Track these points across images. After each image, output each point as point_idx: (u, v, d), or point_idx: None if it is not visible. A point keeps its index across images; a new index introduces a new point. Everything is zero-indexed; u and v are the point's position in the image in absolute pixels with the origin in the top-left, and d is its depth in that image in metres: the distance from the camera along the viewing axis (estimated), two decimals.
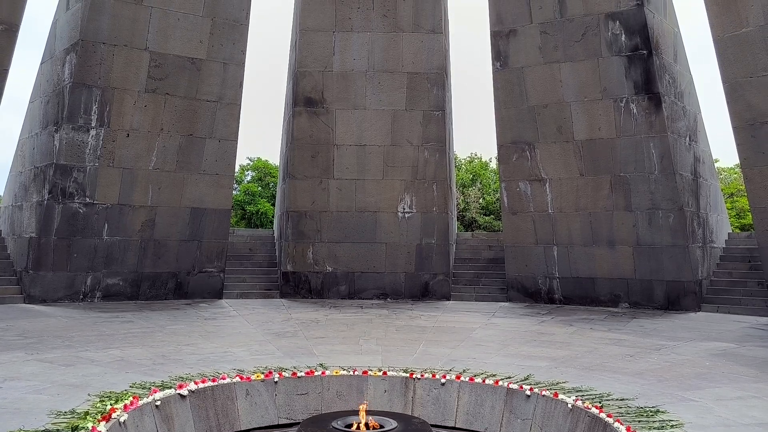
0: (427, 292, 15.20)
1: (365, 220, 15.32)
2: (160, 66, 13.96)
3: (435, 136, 15.52)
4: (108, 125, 13.49)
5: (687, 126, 14.43)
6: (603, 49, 14.14)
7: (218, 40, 14.56)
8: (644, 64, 13.71)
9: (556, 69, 14.59)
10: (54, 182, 13.04)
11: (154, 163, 13.96)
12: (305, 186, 15.34)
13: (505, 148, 15.21)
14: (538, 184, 14.80)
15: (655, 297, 13.56)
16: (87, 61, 13.27)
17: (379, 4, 15.74)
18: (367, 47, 15.71)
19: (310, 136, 15.46)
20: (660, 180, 13.54)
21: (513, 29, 15.09)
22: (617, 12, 14.03)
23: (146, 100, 13.84)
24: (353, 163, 15.46)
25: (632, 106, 13.81)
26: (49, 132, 13.46)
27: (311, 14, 15.72)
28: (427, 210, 15.36)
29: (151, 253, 13.95)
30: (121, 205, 13.64)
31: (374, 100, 15.60)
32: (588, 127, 14.27)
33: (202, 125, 14.45)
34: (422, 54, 15.73)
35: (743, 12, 12.05)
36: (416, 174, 15.43)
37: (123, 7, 13.56)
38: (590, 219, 14.24)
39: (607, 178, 14.09)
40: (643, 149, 13.68)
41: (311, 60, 15.63)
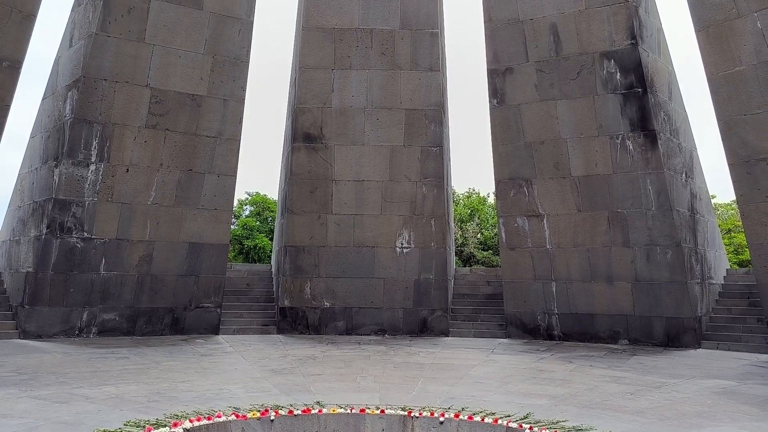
0: (425, 328, 15.10)
1: (363, 255, 15.31)
2: (161, 102, 14.11)
3: (433, 171, 15.61)
4: (108, 160, 13.57)
5: (683, 162, 14.55)
6: (598, 86, 14.34)
7: (219, 76, 14.74)
8: (639, 101, 13.89)
9: (552, 106, 14.77)
10: (52, 217, 13.06)
11: (153, 198, 14.00)
12: (303, 221, 15.37)
13: (503, 183, 15.30)
14: (536, 219, 14.84)
15: (654, 333, 13.48)
16: (88, 97, 13.41)
17: (378, 43, 15.99)
18: (366, 84, 15.91)
19: (308, 172, 15.54)
20: (657, 216, 13.59)
21: (509, 67, 15.31)
22: (612, 51, 14.27)
23: (146, 135, 13.95)
24: (351, 199, 15.51)
25: (628, 142, 13.95)
26: (49, 167, 13.52)
27: (311, 52, 15.95)
28: (425, 245, 15.36)
29: (148, 288, 13.89)
30: (119, 239, 13.63)
31: (372, 136, 15.74)
32: (585, 164, 14.38)
33: (202, 160, 14.54)
34: (420, 91, 15.92)
35: (736, 51, 12.26)
36: (414, 209, 15.47)
37: (125, 45, 13.76)
38: (588, 255, 14.25)
39: (605, 214, 14.14)
40: (640, 185, 13.77)
41: (310, 96, 15.80)
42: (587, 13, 14.56)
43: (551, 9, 14.89)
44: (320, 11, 16.10)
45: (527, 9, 15.18)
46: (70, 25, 14.63)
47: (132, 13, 13.86)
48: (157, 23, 14.11)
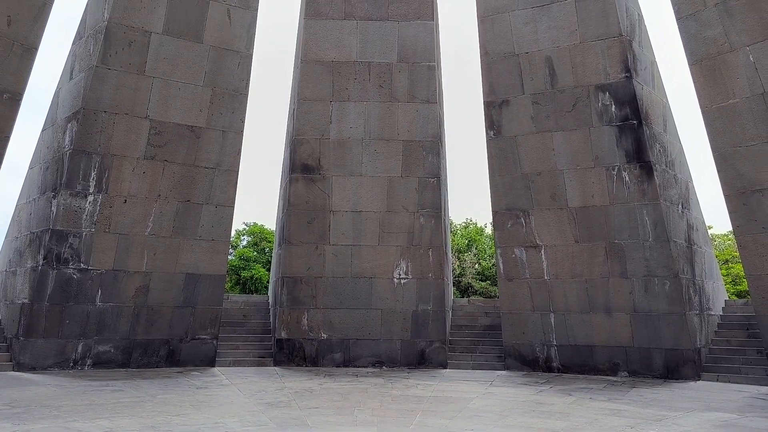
0: (423, 360, 14.98)
1: (361, 286, 15.26)
2: (160, 133, 14.20)
3: (430, 202, 15.65)
4: (106, 191, 13.60)
5: (679, 194, 14.62)
6: (594, 119, 14.48)
7: (218, 108, 14.87)
8: (635, 133, 14.02)
9: (549, 138, 14.89)
10: (49, 248, 13.03)
11: (150, 229, 14.00)
12: (301, 252, 15.35)
13: (500, 214, 15.34)
14: (534, 250, 14.85)
15: (654, 365, 13.39)
16: (88, 128, 13.50)
17: (375, 76, 16.18)
18: (364, 116, 16.04)
19: (306, 202, 15.58)
20: (654, 247, 13.61)
21: (506, 99, 15.47)
22: (607, 84, 14.44)
23: (145, 166, 14.01)
24: (349, 229, 15.52)
25: (624, 174, 14.03)
26: (47, 198, 13.54)
27: (309, 84, 16.12)
28: (422, 276, 15.33)
29: (144, 320, 13.79)
30: (115, 270, 13.59)
31: (370, 167, 15.81)
32: (581, 195, 14.45)
33: (200, 191, 14.58)
34: (417, 122, 16.05)
35: (729, 85, 12.42)
36: (412, 240, 15.48)
37: (125, 77, 13.90)
38: (586, 286, 14.22)
39: (602, 245, 14.16)
40: (637, 216, 13.82)
41: (309, 128, 15.92)
42: (582, 46, 14.78)
43: (546, 43, 15.12)
44: (319, 45, 16.31)
45: (522, 43, 15.41)
46: (71, 58, 14.79)
47: (132, 46, 14.03)
48: (157, 56, 14.27)
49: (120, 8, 14.02)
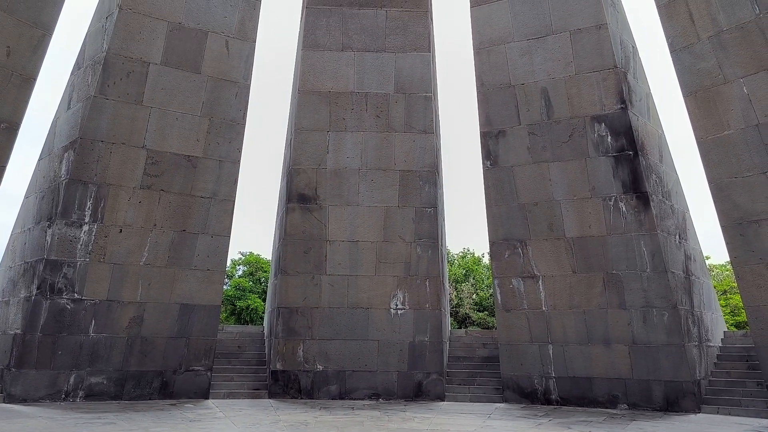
0: (420, 392, 14.78)
1: (357, 317, 15.13)
2: (157, 163, 14.20)
3: (427, 232, 15.61)
4: (101, 221, 13.54)
5: (676, 224, 14.61)
6: (590, 149, 14.54)
7: (215, 138, 14.90)
8: (631, 164, 14.06)
9: (545, 168, 14.93)
10: (43, 277, 12.92)
11: (145, 259, 13.91)
12: (297, 282, 15.24)
13: (497, 244, 15.29)
14: (531, 281, 14.77)
15: (653, 398, 13.23)
16: (84, 158, 13.50)
17: (372, 106, 16.27)
18: (361, 146, 16.09)
19: (302, 232, 15.53)
20: (652, 278, 13.56)
21: (502, 130, 15.55)
22: (602, 115, 14.54)
23: (141, 196, 13.98)
24: (346, 259, 15.45)
25: (621, 204, 14.04)
26: (42, 227, 13.47)
27: (306, 115, 16.19)
28: (419, 307, 15.21)
29: (138, 351, 13.62)
30: (109, 301, 13.46)
31: (367, 196, 15.80)
32: (578, 225, 14.43)
33: (196, 221, 14.53)
34: (414, 153, 16.09)
35: (724, 116, 12.51)
36: (409, 270, 15.40)
37: (123, 107, 13.95)
38: (584, 317, 14.12)
39: (600, 276, 14.10)
40: (634, 247, 13.79)
41: (305, 158, 15.94)
42: (577, 78, 14.91)
43: (542, 74, 15.25)
44: (316, 75, 16.43)
45: (518, 74, 15.54)
46: (69, 88, 14.86)
47: (131, 76, 14.11)
48: (155, 86, 14.35)
49: (119, 39, 14.14)
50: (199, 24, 15.06)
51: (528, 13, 15.73)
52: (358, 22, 16.81)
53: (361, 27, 16.78)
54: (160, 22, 14.63)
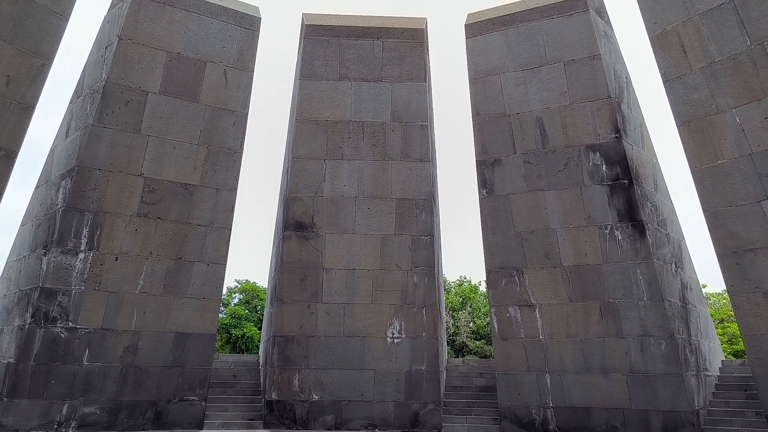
0: (417, 423, 14.62)
1: (353, 346, 15.03)
2: (154, 191, 14.23)
3: (424, 260, 15.60)
4: (97, 249, 13.52)
5: (672, 253, 14.64)
6: (585, 178, 14.63)
7: (212, 166, 14.96)
8: (626, 193, 14.14)
9: (541, 197, 14.99)
10: (38, 306, 12.85)
11: (141, 287, 13.86)
12: (293, 310, 15.17)
13: (494, 273, 15.28)
14: (528, 309, 14.73)
15: (652, 428, 13.11)
16: (81, 186, 13.53)
17: (369, 135, 16.38)
18: (357, 174, 16.15)
19: (299, 260, 15.50)
20: (649, 306, 13.54)
21: (498, 159, 15.65)
22: (597, 144, 14.66)
23: (137, 224, 13.98)
24: (342, 287, 15.40)
25: (617, 233, 14.08)
26: (37, 255, 13.43)
27: (304, 143, 16.28)
28: (416, 335, 15.13)
29: (132, 380, 13.49)
30: (104, 329, 13.37)
31: (363, 224, 15.82)
32: (575, 253, 14.45)
33: (192, 249, 14.51)
34: (410, 181, 16.16)
35: (717, 145, 12.62)
36: (405, 298, 15.35)
37: (121, 136, 14.03)
38: (582, 346, 14.05)
39: (597, 304, 14.07)
40: (631, 275, 13.79)
41: (302, 186, 15.99)
42: (571, 107, 15.07)
43: (537, 104, 15.42)
44: (313, 104, 16.57)
45: (513, 104, 15.70)
46: (68, 117, 14.95)
47: (129, 105, 14.22)
48: (153, 115, 14.45)
49: (118, 68, 14.28)
50: (198, 54, 15.23)
51: (523, 44, 15.96)
52: (355, 53, 17.01)
53: (358, 57, 16.98)
54: (159, 52, 14.80)
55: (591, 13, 15.47)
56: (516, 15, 16.25)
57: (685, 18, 13.30)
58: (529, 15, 16.11)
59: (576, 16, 15.57)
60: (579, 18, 15.52)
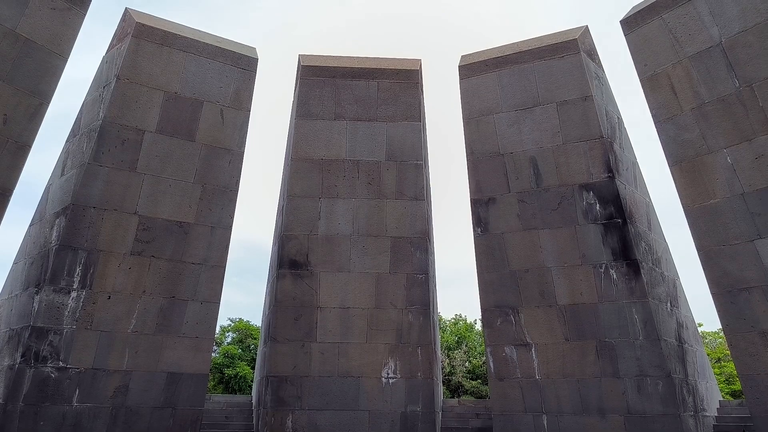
0: None
1: (348, 386, 14.84)
2: (148, 229, 14.21)
3: (419, 299, 15.54)
4: (90, 287, 13.43)
5: (667, 291, 14.63)
6: (579, 217, 14.70)
7: (207, 204, 14.98)
8: (620, 231, 14.20)
9: (536, 235, 15.04)
10: (28, 345, 12.69)
11: (133, 326, 13.73)
12: (287, 350, 15.02)
13: (489, 312, 15.22)
14: (524, 349, 14.63)
15: None
16: (76, 224, 13.50)
17: (364, 173, 16.47)
18: (352, 213, 16.19)
19: (293, 299, 15.41)
20: (645, 346, 13.47)
21: (492, 197, 15.73)
22: (590, 183, 14.78)
23: (131, 262, 13.92)
24: (336, 327, 15.29)
25: (612, 272, 14.09)
26: (29, 294, 13.33)
27: (299, 181, 16.35)
28: (411, 376, 14.97)
29: (122, 422, 13.25)
30: (95, 369, 13.19)
31: (358, 263, 15.79)
32: (570, 292, 14.43)
33: (186, 287, 14.43)
34: (405, 219, 16.19)
35: (710, 185, 12.74)
36: (400, 338, 15.23)
37: (116, 174, 14.07)
38: (578, 386, 13.92)
39: (593, 344, 13.99)
40: (626, 315, 13.76)
41: (297, 224, 16.00)
42: (564, 147, 15.23)
43: (530, 144, 15.58)
44: (309, 143, 16.69)
45: (507, 144, 15.86)
46: (64, 155, 15.01)
47: (126, 144, 14.30)
48: (149, 154, 14.53)
49: (116, 108, 14.40)
50: (195, 93, 15.39)
51: (515, 85, 16.21)
52: (350, 93, 17.22)
53: (354, 97, 17.18)
54: (157, 91, 14.95)
55: (582, 56, 15.76)
56: (509, 57, 16.54)
57: (674, 60, 13.58)
58: (522, 57, 16.40)
59: (568, 58, 15.86)
60: (570, 60, 15.81)
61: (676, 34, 13.65)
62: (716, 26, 13.08)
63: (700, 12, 13.38)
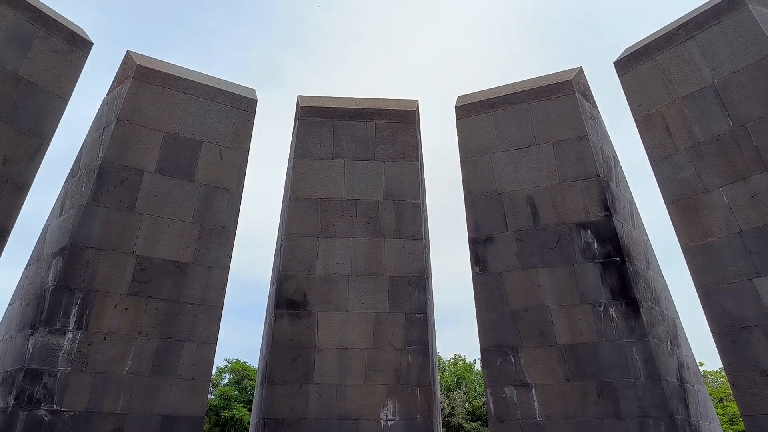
0: None
1: (346, 429, 14.60)
2: (146, 269, 14.16)
3: (417, 339, 15.41)
4: (86, 328, 13.31)
5: (667, 331, 14.54)
6: (577, 255, 14.70)
7: (205, 244, 14.97)
8: (618, 270, 14.18)
9: (534, 274, 15.01)
10: (22, 387, 12.51)
11: (128, 368, 13.56)
12: (284, 391, 14.82)
13: (489, 351, 15.08)
14: (524, 389, 14.46)
15: None
16: (73, 264, 13.46)
17: (362, 213, 16.52)
18: (350, 251, 16.18)
19: (291, 339, 15.28)
20: (647, 386, 13.32)
21: (490, 236, 15.75)
22: (588, 222, 14.82)
23: (128, 302, 13.83)
24: (335, 367, 15.12)
25: (611, 311, 14.03)
26: (24, 335, 13.20)
27: (297, 221, 16.38)
28: (410, 417, 14.75)
29: None
30: (89, 412, 12.98)
31: (356, 302, 15.71)
32: (569, 331, 14.33)
33: (182, 328, 14.31)
34: (403, 258, 16.17)
35: (706, 223, 12.79)
36: (399, 379, 15.06)
37: (114, 214, 14.09)
38: (580, 427, 13.71)
39: (593, 384, 13.84)
40: (626, 354, 13.64)
41: (295, 263, 15.97)
42: (561, 186, 15.32)
43: (527, 183, 15.67)
44: (307, 183, 16.77)
45: (504, 183, 15.96)
46: (62, 195, 15.05)
47: (124, 184, 14.36)
48: (148, 194, 14.57)
49: (115, 148, 14.50)
50: (194, 134, 15.53)
51: (512, 125, 16.39)
52: (348, 133, 17.38)
53: (352, 137, 17.34)
54: (157, 132, 15.08)
55: (577, 96, 15.98)
56: (504, 97, 16.76)
57: (668, 101, 13.77)
58: (518, 97, 16.62)
59: (563, 98, 16.07)
60: (566, 100, 16.02)
61: (669, 75, 13.87)
62: (708, 67, 13.31)
63: (692, 53, 13.63)
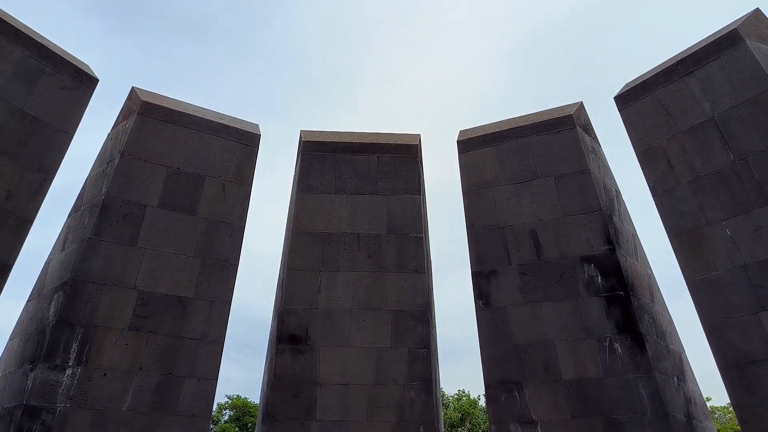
0: None
1: None
2: (147, 304, 14.09)
3: (421, 374, 15.23)
4: (86, 364, 13.18)
5: (673, 365, 14.36)
6: (581, 289, 14.61)
7: (207, 279, 14.91)
8: (623, 304, 14.07)
9: (538, 308, 14.90)
10: (20, 425, 12.33)
11: (128, 404, 13.39)
12: (285, 428, 14.59)
13: (493, 387, 14.88)
14: (530, 426, 14.22)
15: None
16: (74, 299, 13.39)
17: (364, 246, 16.48)
18: (353, 286, 16.10)
19: (292, 375, 15.11)
20: (654, 423, 13.09)
21: (493, 270, 15.68)
22: (591, 255, 14.76)
23: (128, 338, 13.72)
24: (337, 404, 14.91)
25: (616, 345, 13.88)
26: (23, 371, 13.07)
27: (299, 255, 16.34)
28: None
29: None
30: None
31: (359, 337, 15.57)
32: (575, 367, 14.16)
33: (183, 363, 14.16)
34: (406, 292, 16.08)
35: (710, 257, 12.73)
36: (402, 415, 14.83)
37: (117, 249, 14.08)
38: None
39: (600, 420, 13.61)
40: (633, 390, 13.45)
41: (297, 298, 15.88)
42: (564, 220, 15.31)
43: (529, 217, 15.67)
44: (310, 217, 16.79)
45: (507, 217, 15.96)
46: (65, 230, 15.06)
47: (127, 218, 14.38)
48: (150, 228, 14.58)
49: (118, 183, 14.56)
50: (197, 169, 15.60)
51: (513, 159, 16.46)
52: (351, 167, 17.46)
53: (354, 171, 17.41)
54: (160, 167, 15.16)
55: (578, 130, 16.08)
56: (506, 132, 16.87)
57: (669, 135, 13.84)
58: (519, 132, 16.73)
59: (564, 132, 16.17)
60: (567, 135, 16.11)
61: (669, 109, 13.97)
62: (708, 102, 13.41)
63: (692, 88, 13.74)
